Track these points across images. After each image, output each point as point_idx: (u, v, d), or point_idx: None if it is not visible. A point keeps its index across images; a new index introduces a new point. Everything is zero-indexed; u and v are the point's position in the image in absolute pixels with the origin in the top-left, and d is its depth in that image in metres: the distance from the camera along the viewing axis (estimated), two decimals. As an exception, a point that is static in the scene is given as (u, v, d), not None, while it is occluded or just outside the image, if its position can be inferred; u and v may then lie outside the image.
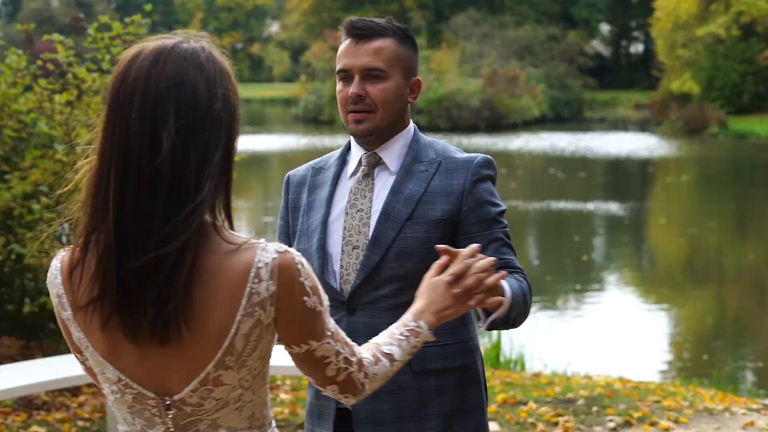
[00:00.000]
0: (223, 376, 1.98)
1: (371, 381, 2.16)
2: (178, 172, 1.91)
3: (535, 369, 9.40)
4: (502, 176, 28.42)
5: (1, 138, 8.10)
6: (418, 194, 2.97)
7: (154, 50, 1.96)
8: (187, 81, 1.94)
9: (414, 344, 2.28)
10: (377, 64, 2.97)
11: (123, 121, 1.95)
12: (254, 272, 1.95)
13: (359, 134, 3.02)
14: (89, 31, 8.20)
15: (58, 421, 6.50)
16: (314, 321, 2.03)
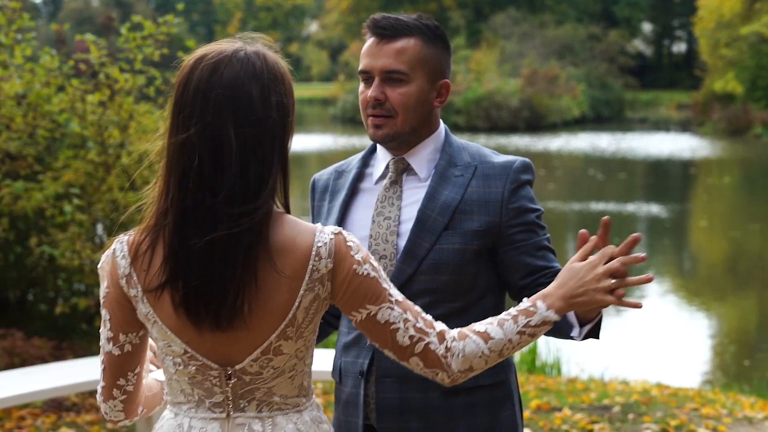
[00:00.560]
0: (282, 346, 2.22)
1: (457, 357, 2.25)
2: (237, 175, 2.13)
3: (572, 374, 9.25)
4: (541, 177, 28.24)
5: (34, 138, 8.09)
6: (454, 202, 2.80)
7: (214, 57, 2.18)
8: (242, 89, 2.16)
9: (525, 324, 2.28)
10: (398, 67, 2.80)
11: (184, 124, 2.15)
12: (315, 251, 2.20)
13: (378, 140, 2.87)
14: (122, 31, 8.16)
15: (88, 423, 6.45)
16: (368, 286, 2.22)
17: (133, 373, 2.34)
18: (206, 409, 2.27)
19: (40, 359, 7.38)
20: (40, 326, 8.61)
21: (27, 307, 9.15)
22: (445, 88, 2.89)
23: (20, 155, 7.95)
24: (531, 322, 2.28)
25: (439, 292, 2.76)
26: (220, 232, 2.13)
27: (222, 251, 2.14)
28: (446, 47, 2.90)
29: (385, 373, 2.81)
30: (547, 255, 2.84)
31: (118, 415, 2.41)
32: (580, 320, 2.59)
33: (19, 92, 8.07)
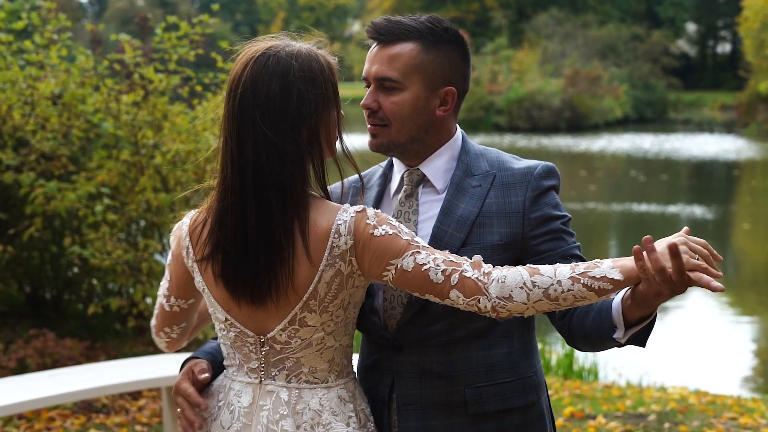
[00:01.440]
0: (307, 318, 2.40)
1: (497, 282, 2.29)
2: (262, 162, 2.36)
3: (609, 379, 9.11)
4: (582, 178, 28.06)
5: (68, 138, 8.10)
6: (472, 215, 2.61)
7: (248, 55, 2.43)
8: (262, 85, 2.37)
9: (582, 272, 2.26)
10: (390, 74, 2.62)
11: (224, 118, 2.43)
12: (335, 229, 2.37)
13: (374, 149, 2.71)
14: (157, 31, 8.14)
15: (117, 425, 6.42)
16: (387, 243, 2.35)
17: (179, 326, 2.72)
18: (244, 373, 2.51)
19: (72, 360, 7.37)
20: (74, 326, 8.62)
21: (62, 307, 9.17)
22: (450, 96, 2.68)
23: (54, 155, 7.95)
24: (590, 273, 2.25)
25: (459, 312, 2.49)
26: (250, 214, 2.37)
27: (254, 231, 2.38)
28: (456, 51, 2.69)
29: (405, 400, 2.64)
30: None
31: (163, 347, 2.81)
32: (627, 321, 2.41)
33: (55, 92, 8.07)
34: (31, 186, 7.54)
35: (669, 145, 38.46)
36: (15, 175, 7.60)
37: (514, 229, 2.61)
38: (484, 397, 2.61)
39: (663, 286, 2.24)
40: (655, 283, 2.24)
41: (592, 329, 2.49)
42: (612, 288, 2.26)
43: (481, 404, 2.61)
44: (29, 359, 7.26)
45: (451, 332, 2.60)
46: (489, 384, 2.61)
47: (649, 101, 54.31)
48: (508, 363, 2.63)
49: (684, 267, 2.20)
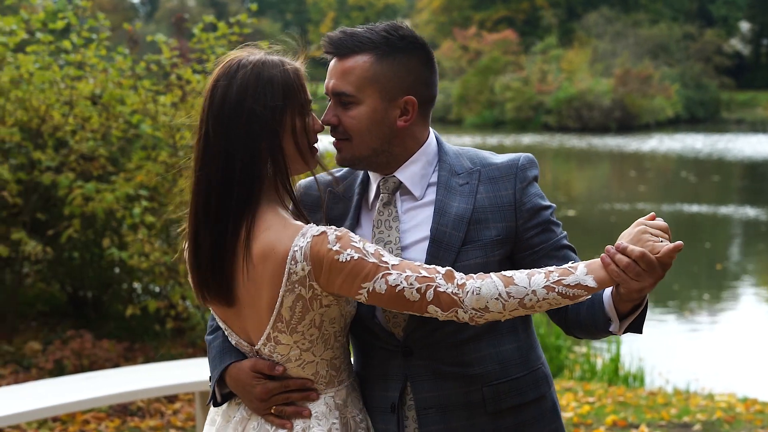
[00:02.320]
0: (279, 337, 2.45)
1: (471, 294, 2.32)
2: (210, 178, 2.45)
3: (656, 384, 8.91)
4: (632, 179, 27.76)
5: (107, 139, 8.07)
6: (467, 212, 2.61)
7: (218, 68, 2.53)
8: (217, 95, 2.47)
9: (557, 281, 2.30)
10: (344, 88, 2.59)
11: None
12: (291, 255, 2.36)
13: (340, 164, 2.68)
14: (194, 31, 8.09)
15: (151, 428, 6.38)
16: (355, 269, 2.34)
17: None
18: None
19: (109, 362, 7.35)
20: (114, 327, 8.60)
21: (103, 308, 9.17)
22: (411, 105, 2.62)
23: (93, 156, 7.92)
24: (564, 281, 2.30)
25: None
26: (202, 229, 2.46)
27: (212, 241, 2.45)
28: (415, 58, 2.63)
29: (424, 404, 2.63)
30: (567, 255, 2.67)
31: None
32: (620, 313, 2.47)
33: (96, 93, 8.05)
34: (69, 187, 7.52)
35: (721, 146, 37.91)
36: (54, 176, 7.59)
37: (508, 223, 2.62)
38: (501, 394, 2.63)
39: (640, 280, 2.31)
40: (632, 281, 2.31)
41: (588, 322, 2.54)
42: (586, 294, 2.34)
43: (499, 401, 2.63)
44: (66, 361, 7.24)
45: (459, 332, 2.60)
46: (505, 380, 2.64)
47: (701, 101, 53.56)
48: (519, 357, 2.67)
49: (648, 256, 2.29)
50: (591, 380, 8.75)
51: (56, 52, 8.40)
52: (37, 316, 9.01)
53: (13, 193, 7.67)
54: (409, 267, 2.35)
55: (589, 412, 7.02)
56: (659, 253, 2.30)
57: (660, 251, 2.30)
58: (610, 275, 2.32)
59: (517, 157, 2.69)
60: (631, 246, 2.31)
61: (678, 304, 13.21)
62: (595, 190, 27.19)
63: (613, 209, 21.72)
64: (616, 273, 2.31)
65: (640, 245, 2.31)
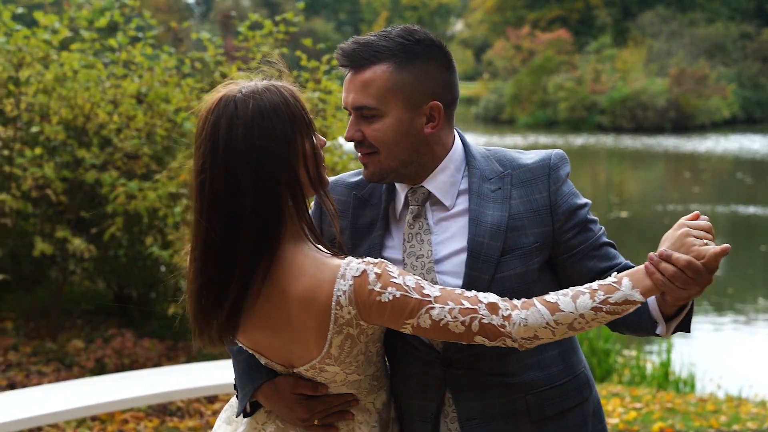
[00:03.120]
0: (326, 367, 2.38)
1: (519, 326, 2.24)
2: (230, 231, 2.30)
3: (707, 390, 8.70)
4: (686, 180, 27.40)
5: (152, 137, 8.06)
6: (503, 220, 2.51)
7: (207, 106, 2.34)
8: (222, 134, 2.28)
9: (603, 300, 2.21)
10: (365, 102, 2.46)
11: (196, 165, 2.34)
12: (335, 301, 2.28)
13: (369, 180, 2.56)
14: (240, 29, 8.05)
15: (190, 429, 6.33)
16: (398, 306, 2.26)
17: None
18: None
19: (150, 361, 7.33)
20: (157, 326, 8.59)
21: (148, 307, 9.16)
22: (436, 111, 2.50)
23: (137, 154, 7.91)
24: (611, 299, 2.21)
25: None
26: (223, 273, 2.32)
27: (235, 290, 2.33)
28: (435, 61, 2.51)
29: (467, 415, 2.56)
30: (608, 252, 2.58)
31: None
32: (666, 315, 2.39)
33: (142, 91, 8.04)
34: (112, 185, 7.51)
35: (780, 147, 37.29)
36: (98, 174, 7.59)
37: (545, 228, 2.53)
38: (545, 402, 2.56)
39: (687, 288, 2.22)
40: (679, 289, 2.22)
41: (633, 324, 2.46)
42: (634, 308, 2.25)
43: (543, 409, 2.56)
44: (107, 359, 7.23)
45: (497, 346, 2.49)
46: (548, 387, 2.57)
47: (759, 101, 52.66)
48: (562, 363, 2.60)
49: (694, 264, 2.18)
50: (640, 385, 8.57)
51: (102, 50, 8.40)
52: (82, 314, 9.03)
53: (58, 192, 7.68)
54: (452, 298, 2.27)
55: (635, 418, 6.86)
56: (705, 258, 2.19)
57: (705, 256, 2.19)
58: (656, 284, 2.22)
59: (547, 156, 2.59)
60: (675, 254, 2.20)
61: (733, 308, 12.95)
62: (649, 191, 26.87)
63: (666, 210, 21.42)
64: (662, 282, 2.22)
65: (684, 250, 2.21)
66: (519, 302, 2.27)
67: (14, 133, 7.77)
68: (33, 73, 7.76)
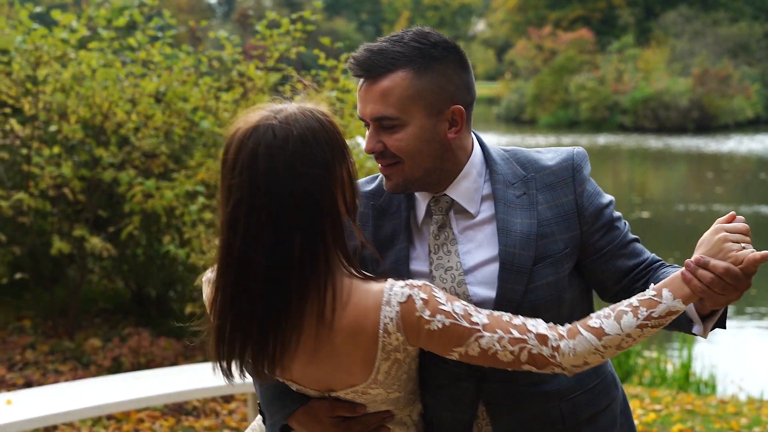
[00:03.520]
0: (371, 390, 2.32)
1: (568, 356, 2.21)
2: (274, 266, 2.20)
3: (728, 392, 8.62)
4: (709, 180, 27.22)
5: (170, 136, 8.05)
6: (532, 228, 2.43)
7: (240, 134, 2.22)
8: (261, 164, 2.18)
9: (647, 316, 2.18)
10: (386, 112, 2.36)
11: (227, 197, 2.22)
12: (383, 329, 2.22)
13: (393, 192, 2.47)
14: (257, 28, 8.03)
15: (206, 428, 6.31)
16: (447, 335, 2.21)
17: None
18: None
19: (166, 360, 7.32)
20: (175, 325, 8.58)
21: (166, 306, 9.16)
22: (458, 115, 2.41)
23: (155, 153, 7.91)
24: (654, 314, 2.18)
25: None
26: (260, 306, 2.23)
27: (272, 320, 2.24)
28: (452, 64, 2.41)
29: (503, 428, 2.52)
30: (635, 249, 2.54)
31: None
32: (701, 314, 2.35)
33: (160, 90, 8.03)
34: (129, 184, 7.51)
35: (804, 147, 37.02)
36: (116, 173, 7.59)
37: (573, 232, 2.47)
38: (578, 407, 2.54)
39: (726, 293, 2.17)
40: (718, 295, 2.17)
41: (672, 323, 2.36)
42: (676, 316, 2.21)
43: (577, 414, 2.54)
44: (123, 358, 7.22)
45: None
46: (580, 392, 2.55)
47: (783, 101, 52.39)
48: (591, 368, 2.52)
49: (733, 270, 2.14)
50: (660, 386, 8.50)
51: (120, 49, 8.40)
52: (100, 313, 9.04)
53: (76, 191, 7.69)
54: (500, 326, 2.22)
55: (654, 420, 6.80)
56: (743, 264, 2.14)
57: (744, 262, 2.14)
58: (694, 291, 2.18)
59: (569, 156, 2.51)
60: (713, 261, 2.16)
61: (755, 310, 12.84)
62: (671, 191, 26.72)
63: (688, 211, 21.29)
64: (701, 289, 2.18)
65: (721, 256, 2.17)
66: (564, 330, 2.24)
67: (32, 131, 7.78)
68: (51, 72, 7.76)
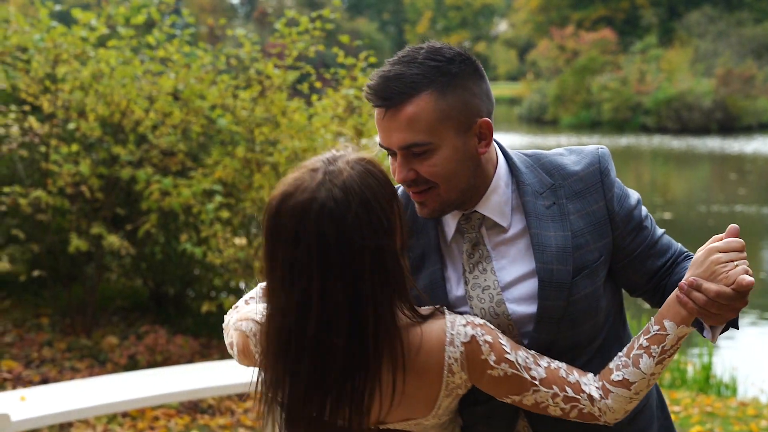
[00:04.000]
0: (425, 421, 2.30)
1: (610, 412, 2.27)
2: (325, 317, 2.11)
3: (750, 395, 8.53)
4: (732, 181, 27.05)
5: (187, 134, 8.05)
6: (567, 241, 2.34)
7: (305, 205, 2.09)
8: (334, 240, 2.07)
9: (661, 351, 2.23)
10: (416, 139, 2.23)
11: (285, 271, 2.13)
12: (447, 368, 2.20)
13: (428, 217, 2.36)
14: (276, 26, 8.02)
15: (220, 427, 6.30)
16: (507, 383, 2.22)
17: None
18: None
19: (183, 358, 7.31)
20: (192, 324, 8.58)
21: (183, 304, 9.16)
22: (485, 127, 2.29)
23: (172, 151, 7.91)
24: (666, 346, 2.23)
25: (581, 344, 2.40)
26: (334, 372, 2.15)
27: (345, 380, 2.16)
28: (471, 76, 2.29)
29: None
30: (663, 246, 2.49)
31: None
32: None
33: (178, 88, 8.03)
34: (147, 182, 7.51)
35: (828, 148, 36.73)
36: (133, 171, 7.59)
37: (606, 239, 2.40)
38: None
39: (722, 313, 2.18)
40: (715, 315, 2.19)
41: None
42: (687, 336, 2.28)
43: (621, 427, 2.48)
44: (140, 356, 7.22)
45: (573, 362, 2.38)
46: None
47: (807, 102, 52.06)
48: None
49: (725, 293, 2.15)
50: (680, 388, 8.42)
51: (138, 47, 8.41)
52: (118, 311, 9.05)
53: (94, 188, 7.69)
54: (557, 382, 2.25)
55: (673, 422, 6.73)
56: (734, 285, 2.14)
57: (735, 283, 2.15)
58: (691, 313, 2.22)
59: (595, 160, 2.41)
60: (705, 283, 2.17)
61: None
62: (694, 192, 26.56)
63: (710, 212, 21.15)
64: (696, 310, 2.20)
65: (714, 278, 2.18)
66: (598, 391, 2.28)
67: (51, 129, 7.79)
68: (70, 70, 7.78)
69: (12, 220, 8.35)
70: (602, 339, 2.45)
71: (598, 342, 2.44)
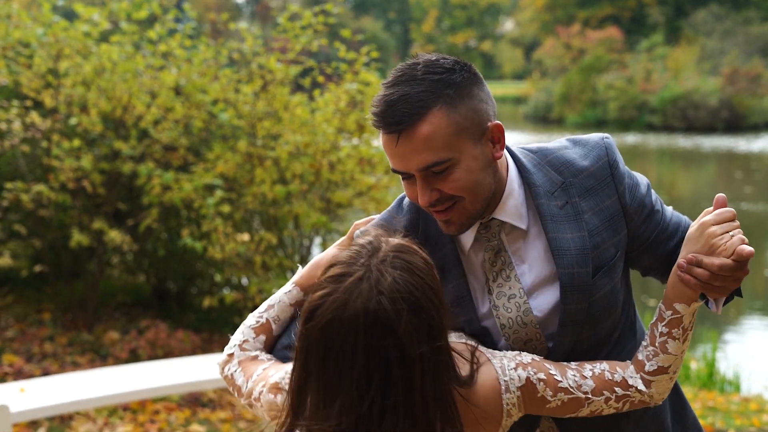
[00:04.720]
0: None
1: (657, 395, 2.32)
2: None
3: (753, 391, 8.51)
4: (738, 180, 26.99)
5: (189, 129, 8.05)
6: (584, 242, 2.31)
7: (355, 320, 1.92)
8: (396, 352, 1.93)
9: (683, 330, 2.27)
10: (436, 158, 2.16)
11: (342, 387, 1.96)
12: (505, 413, 2.19)
13: (455, 234, 2.31)
14: (279, 21, 8.02)
15: (221, 420, 6.29)
16: (563, 408, 2.25)
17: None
18: None
19: (184, 353, 7.31)
20: (195, 319, 8.58)
21: (186, 299, 9.17)
22: (497, 130, 2.24)
23: (174, 146, 7.91)
24: (684, 326, 2.27)
25: (601, 340, 2.40)
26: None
27: None
28: (473, 82, 2.22)
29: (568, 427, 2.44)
30: (674, 229, 2.47)
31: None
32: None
33: (180, 83, 8.03)
34: (149, 176, 7.51)
35: (835, 147, 36.65)
36: (135, 166, 7.59)
37: (621, 234, 2.37)
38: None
39: (726, 284, 2.19)
40: (719, 288, 2.21)
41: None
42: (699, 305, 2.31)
43: (639, 416, 2.50)
44: (141, 351, 7.22)
45: (596, 356, 2.40)
46: None
47: (814, 101, 51.94)
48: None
49: (727, 265, 2.16)
50: (683, 384, 8.41)
51: (140, 42, 8.41)
52: (120, 306, 9.05)
53: (96, 183, 7.70)
54: (605, 387, 2.29)
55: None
56: (734, 255, 2.15)
57: (734, 254, 2.16)
58: (694, 290, 2.23)
59: (602, 153, 2.36)
60: (706, 259, 2.18)
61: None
62: (700, 190, 26.51)
63: (716, 210, 21.11)
64: (700, 286, 2.22)
65: (712, 252, 2.19)
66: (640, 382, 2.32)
67: (53, 124, 7.80)
68: (72, 65, 7.78)
69: (14, 216, 8.36)
70: (620, 330, 2.45)
71: (617, 334, 2.44)
